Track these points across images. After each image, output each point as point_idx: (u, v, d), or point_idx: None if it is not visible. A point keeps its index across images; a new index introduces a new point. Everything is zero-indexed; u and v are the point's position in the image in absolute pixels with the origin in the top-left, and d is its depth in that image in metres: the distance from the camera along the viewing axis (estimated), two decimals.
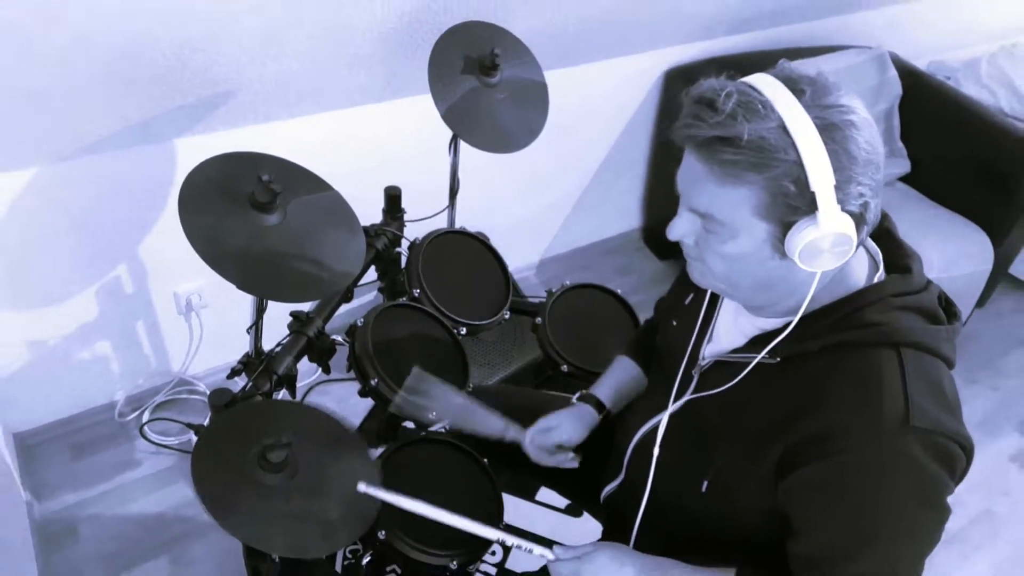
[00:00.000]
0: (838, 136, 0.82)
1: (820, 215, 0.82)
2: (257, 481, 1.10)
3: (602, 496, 1.27)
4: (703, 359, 1.07)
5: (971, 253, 2.41)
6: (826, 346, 0.91)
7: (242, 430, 1.18)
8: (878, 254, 0.98)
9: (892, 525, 0.88)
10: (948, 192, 2.52)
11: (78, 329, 1.89)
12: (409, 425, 1.53)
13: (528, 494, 1.62)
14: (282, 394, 1.46)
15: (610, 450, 1.27)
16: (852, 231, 0.84)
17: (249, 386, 1.37)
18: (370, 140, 1.99)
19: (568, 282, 1.68)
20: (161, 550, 1.84)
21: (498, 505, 1.31)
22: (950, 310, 0.97)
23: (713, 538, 1.06)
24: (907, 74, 2.58)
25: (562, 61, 2.12)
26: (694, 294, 1.14)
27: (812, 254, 0.85)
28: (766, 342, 0.94)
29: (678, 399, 1.08)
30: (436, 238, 1.62)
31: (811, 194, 0.82)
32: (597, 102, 2.37)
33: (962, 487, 0.93)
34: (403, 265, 1.64)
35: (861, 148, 0.83)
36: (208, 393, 1.51)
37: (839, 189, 0.82)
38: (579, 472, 1.28)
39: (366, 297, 2.21)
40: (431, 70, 1.50)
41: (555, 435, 1.25)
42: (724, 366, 1.01)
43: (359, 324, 1.41)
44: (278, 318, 1.52)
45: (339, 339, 1.55)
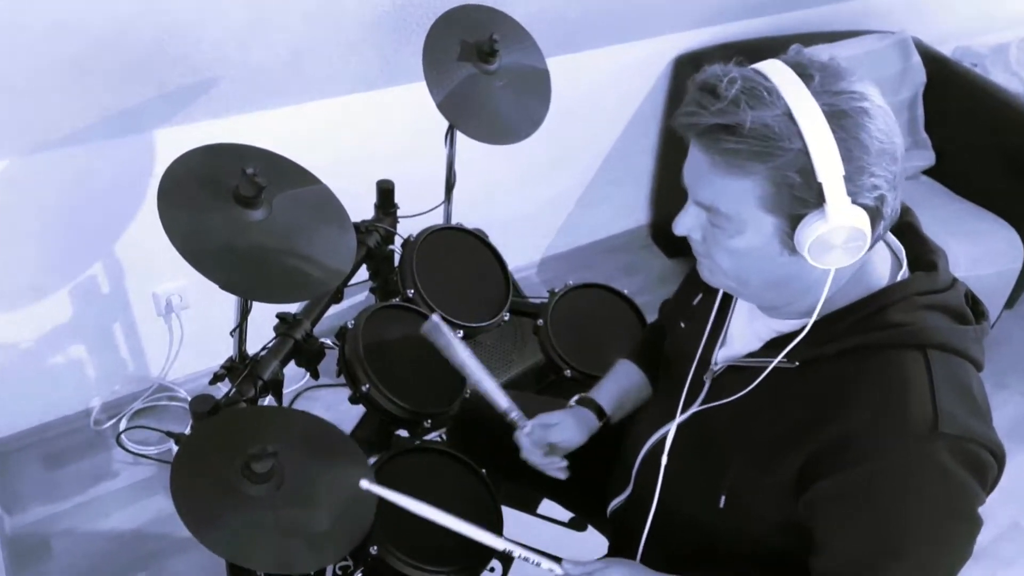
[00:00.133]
0: (848, 124, 0.81)
1: (828, 208, 0.82)
2: (241, 493, 1.10)
3: (609, 510, 1.27)
4: (715, 364, 1.07)
5: (999, 251, 2.41)
6: (847, 349, 0.91)
7: (225, 439, 1.18)
8: (901, 251, 0.98)
9: (920, 538, 0.88)
10: (975, 186, 2.52)
11: (51, 332, 1.89)
12: (403, 433, 1.53)
13: (529, 507, 1.63)
14: (268, 400, 1.47)
15: (616, 461, 1.27)
16: (866, 225, 0.83)
17: (233, 392, 1.37)
18: (361, 131, 1.99)
19: (571, 281, 1.69)
20: (139, 566, 1.84)
21: (497, 518, 1.32)
22: (977, 309, 0.97)
23: (727, 553, 1.06)
24: (932, 60, 2.58)
25: (565, 47, 2.12)
26: (703, 294, 1.13)
27: (822, 249, 0.84)
28: (782, 345, 0.94)
29: (688, 406, 1.08)
30: (431, 235, 1.62)
31: (818, 185, 0.82)
32: (602, 91, 2.37)
33: (991, 498, 0.93)
34: (396, 264, 1.64)
35: (874, 137, 0.82)
36: (189, 400, 1.51)
37: (850, 180, 0.82)
38: (584, 484, 1.28)
39: (357, 298, 2.21)
40: (426, 56, 1.50)
41: (554, 433, 1.24)
42: (738, 371, 1.01)
43: (349, 326, 1.42)
44: (263, 320, 1.52)
45: (328, 342, 1.55)
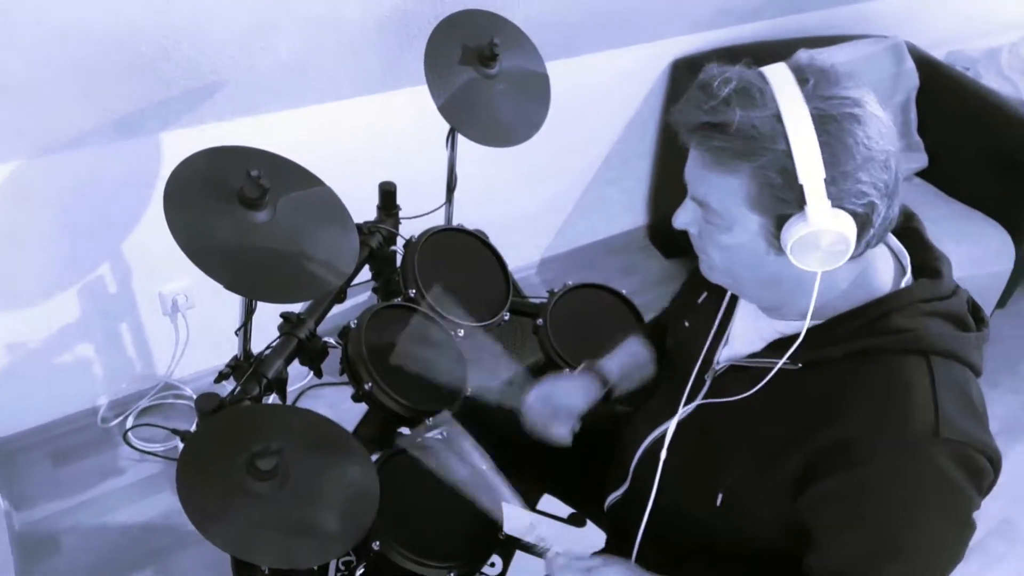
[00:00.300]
0: (833, 128, 0.81)
1: (809, 210, 0.82)
2: (246, 489, 1.09)
3: (606, 505, 1.26)
4: (717, 363, 1.06)
5: (991, 252, 2.41)
6: (851, 352, 0.91)
7: (230, 436, 1.17)
8: (905, 257, 0.97)
9: (917, 540, 0.88)
10: (967, 188, 2.52)
11: (59, 331, 1.89)
12: (404, 431, 1.52)
13: (529, 502, 1.62)
14: (272, 399, 1.46)
15: (614, 456, 1.26)
16: (849, 231, 0.83)
17: (237, 390, 1.36)
18: (364, 134, 1.99)
19: (570, 282, 1.68)
20: (146, 562, 1.84)
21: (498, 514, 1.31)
22: (978, 316, 0.97)
23: (723, 551, 1.05)
24: (924, 64, 2.58)
25: (564, 51, 2.12)
26: (708, 293, 1.13)
27: (804, 251, 0.84)
28: (785, 347, 0.94)
29: (689, 403, 1.08)
30: (433, 236, 1.61)
31: (800, 187, 0.82)
32: (601, 94, 2.37)
33: None
34: (398, 264, 1.64)
35: (861, 144, 0.81)
36: (195, 398, 1.51)
37: (833, 184, 0.81)
38: (584, 479, 1.28)
39: (360, 298, 2.20)
40: (427, 61, 1.50)
41: (560, 400, 1.24)
42: (739, 371, 1.01)
43: (352, 326, 1.41)
44: (268, 319, 1.52)
45: (331, 341, 1.55)
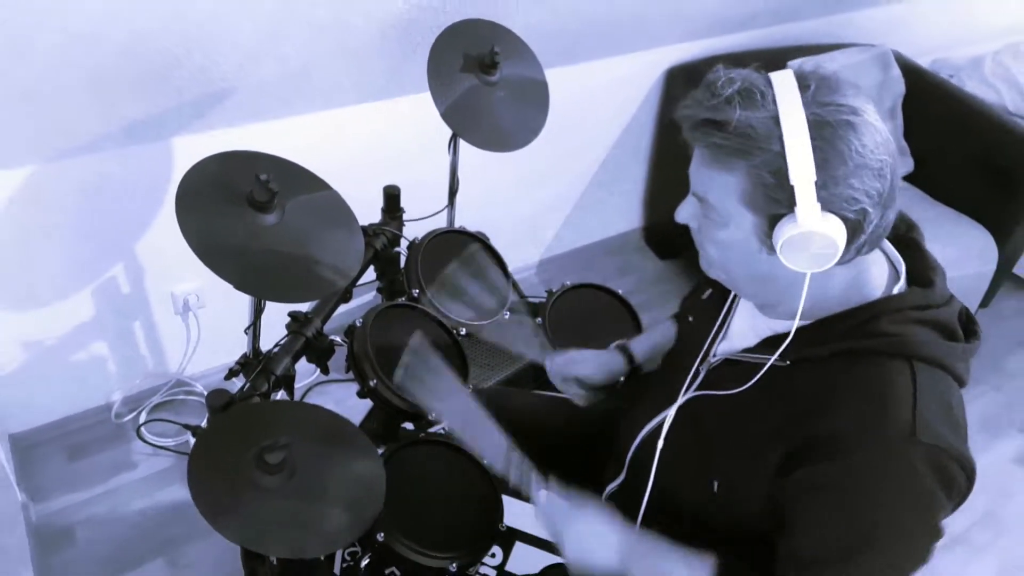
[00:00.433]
0: (828, 134, 0.82)
1: (798, 211, 0.83)
2: (255, 483, 1.10)
3: (604, 496, 1.27)
4: (713, 356, 1.08)
5: (975, 253, 2.42)
6: (837, 352, 0.91)
7: (240, 431, 1.18)
8: (901, 265, 0.98)
9: (886, 535, 0.88)
10: (952, 191, 2.52)
11: (74, 329, 1.90)
12: (408, 426, 1.53)
13: (528, 496, 1.62)
14: (280, 395, 1.47)
15: (611, 448, 1.27)
16: (839, 235, 0.83)
17: (247, 387, 1.37)
18: (369, 139, 1.99)
19: (568, 282, 1.69)
20: (158, 552, 1.85)
21: (498, 507, 1.32)
22: (970, 328, 0.97)
23: (717, 540, 1.06)
24: (910, 72, 2.58)
25: (563, 59, 2.13)
26: (712, 290, 1.14)
27: (793, 251, 0.85)
28: (777, 344, 0.95)
29: (685, 395, 1.09)
30: (435, 237, 1.62)
31: (791, 188, 0.82)
32: (598, 101, 2.37)
33: None
34: (402, 265, 1.64)
35: (854, 151, 0.82)
36: (206, 394, 1.51)
37: (824, 188, 0.82)
38: (582, 472, 1.29)
39: (365, 297, 2.21)
40: (430, 68, 1.51)
41: (576, 368, 1.32)
42: (733, 365, 1.02)
43: (358, 324, 1.42)
44: (276, 318, 1.52)
45: (337, 339, 1.55)
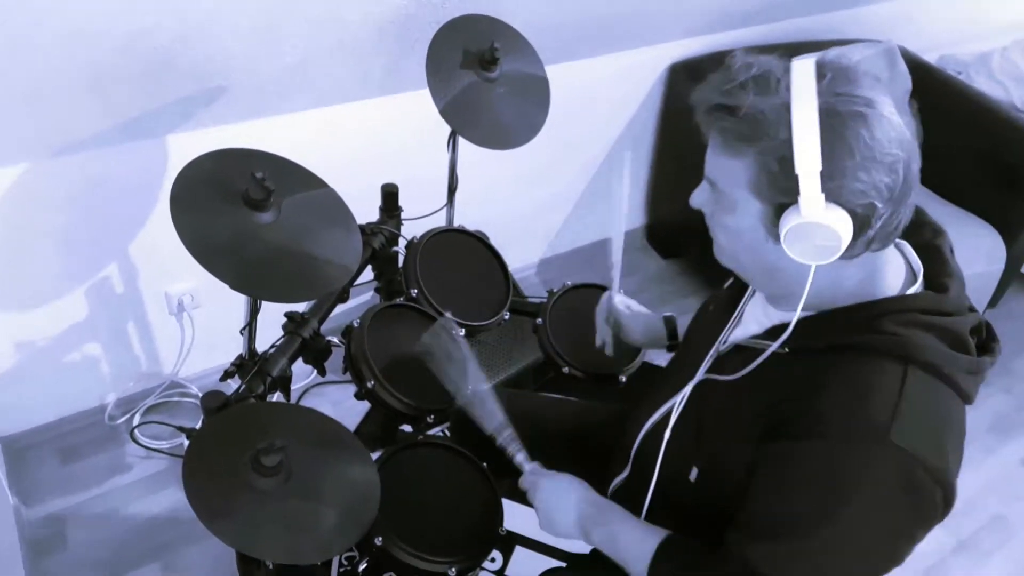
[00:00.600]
0: (837, 124, 0.81)
1: (801, 200, 0.82)
2: (251, 485, 1.10)
3: (609, 490, 1.27)
4: (723, 342, 1.09)
5: (983, 252, 2.41)
6: (835, 345, 0.92)
7: (235, 433, 1.18)
8: (920, 270, 0.97)
9: (836, 524, 0.87)
10: (959, 189, 2.52)
11: (67, 330, 1.89)
12: (407, 428, 1.53)
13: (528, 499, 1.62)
14: (276, 397, 1.46)
15: (617, 443, 1.28)
16: (844, 228, 0.83)
17: (242, 388, 1.37)
18: (367, 136, 1.99)
19: (570, 282, 1.68)
20: (152, 556, 1.84)
21: (498, 510, 1.32)
22: (987, 344, 0.96)
23: (715, 528, 1.06)
24: (917, 68, 2.58)
25: (563, 55, 2.12)
26: (733, 279, 1.15)
27: (796, 241, 0.85)
28: (783, 332, 0.95)
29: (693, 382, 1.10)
30: (434, 237, 1.62)
31: (796, 177, 0.82)
32: (599, 97, 2.37)
33: (972, 491, 0.93)
34: (400, 264, 1.64)
35: (863, 143, 0.81)
36: (200, 396, 1.51)
37: (830, 179, 0.82)
38: (586, 472, 1.29)
39: (362, 297, 2.21)
40: (429, 64, 1.50)
41: (625, 317, 1.42)
42: (741, 352, 1.03)
43: (355, 325, 1.41)
44: (272, 319, 1.52)
45: (335, 340, 1.55)
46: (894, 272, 0.95)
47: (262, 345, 1.48)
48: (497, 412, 1.25)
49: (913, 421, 0.86)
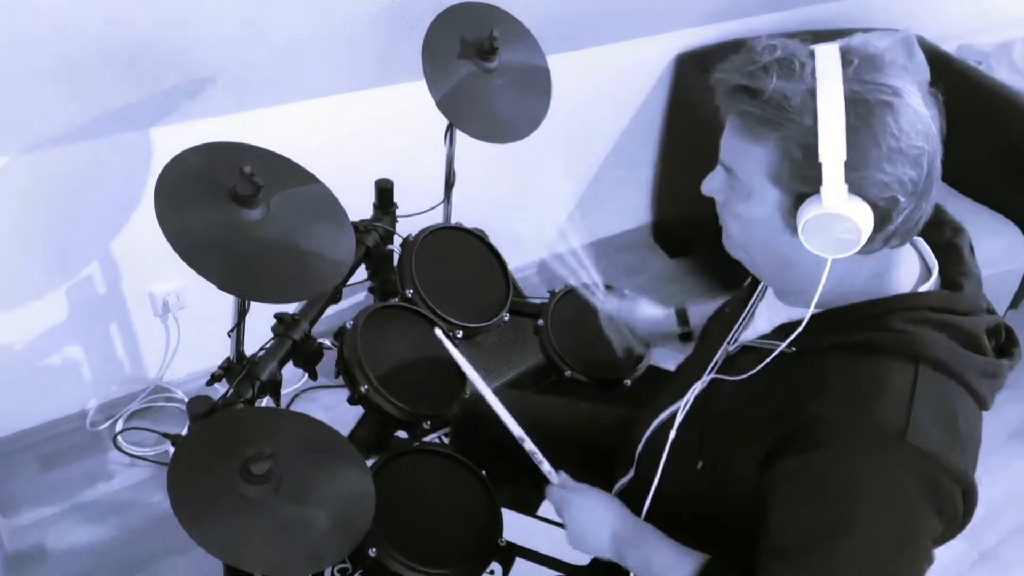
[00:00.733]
0: (863, 112, 0.81)
1: (824, 190, 0.82)
2: (239, 494, 1.09)
3: (614, 492, 1.27)
4: (733, 343, 1.09)
5: (1003, 250, 2.41)
6: (843, 343, 0.92)
7: (223, 440, 1.17)
8: (935, 267, 0.97)
9: (857, 532, 0.87)
10: (978, 184, 2.52)
11: (47, 332, 1.89)
12: (402, 435, 1.53)
13: (529, 509, 1.62)
14: (265, 401, 1.46)
15: (620, 447, 1.28)
16: (864, 221, 0.83)
17: (230, 393, 1.36)
18: (360, 129, 1.99)
19: (572, 282, 1.68)
20: (136, 568, 1.84)
21: (497, 520, 1.31)
22: (1008, 349, 0.96)
23: (719, 536, 1.06)
24: (935, 58, 2.58)
25: (566, 45, 2.12)
26: (751, 279, 1.15)
27: (815, 233, 0.85)
28: (789, 331, 0.95)
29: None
30: (431, 235, 1.61)
31: (819, 166, 0.82)
32: (604, 89, 2.37)
33: (992, 501, 0.92)
34: (395, 263, 1.64)
35: (889, 133, 0.82)
36: (186, 401, 1.51)
37: (852, 169, 0.82)
38: (591, 474, 1.29)
39: (355, 298, 2.21)
40: (425, 54, 1.50)
41: (632, 318, 1.44)
42: (750, 352, 1.03)
43: (348, 327, 1.41)
44: (261, 320, 1.52)
45: (327, 343, 1.55)
46: (907, 270, 0.95)
47: (251, 348, 1.48)
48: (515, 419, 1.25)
49: (928, 421, 0.86)
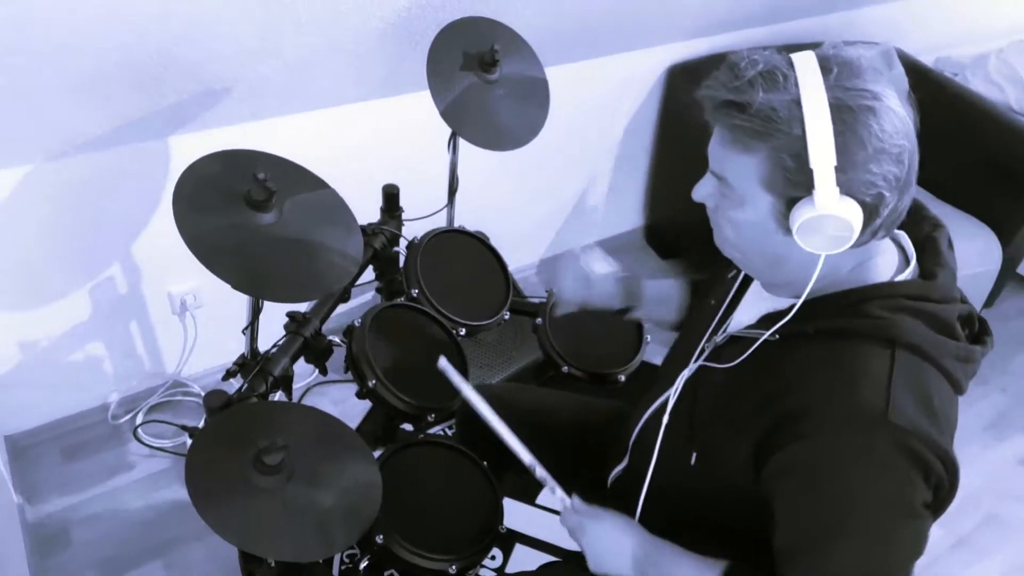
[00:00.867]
0: (848, 118, 0.82)
1: (816, 194, 0.83)
2: (253, 484, 1.10)
3: (608, 481, 1.28)
4: (721, 333, 1.09)
5: (978, 253, 2.41)
6: (822, 330, 0.92)
7: (237, 432, 1.18)
8: (913, 257, 0.98)
9: (857, 521, 0.87)
10: (955, 190, 2.52)
11: (71, 330, 1.89)
12: (408, 427, 1.53)
13: (529, 497, 1.63)
14: (278, 396, 1.47)
15: (615, 436, 1.28)
16: (855, 218, 0.84)
17: (245, 388, 1.37)
18: (368, 137, 1.99)
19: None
20: (155, 554, 1.84)
21: (498, 508, 1.32)
22: (981, 338, 0.96)
23: (715, 523, 1.06)
24: (913, 70, 2.58)
25: (563, 57, 2.12)
26: (735, 271, 1.15)
27: (809, 233, 0.86)
28: (775, 320, 0.96)
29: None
30: (435, 237, 1.62)
31: (810, 172, 0.83)
32: (599, 99, 2.37)
33: (969, 490, 0.92)
34: (401, 265, 1.64)
35: (874, 135, 0.83)
36: (203, 395, 1.51)
37: (842, 172, 0.83)
38: (589, 463, 1.29)
39: (363, 297, 2.21)
40: (430, 66, 1.50)
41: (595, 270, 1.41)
42: (736, 342, 1.03)
43: (356, 325, 1.41)
44: (274, 319, 1.52)
45: (336, 340, 1.55)
46: (886, 260, 0.96)
47: (264, 344, 1.48)
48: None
49: (906, 401, 0.86)
